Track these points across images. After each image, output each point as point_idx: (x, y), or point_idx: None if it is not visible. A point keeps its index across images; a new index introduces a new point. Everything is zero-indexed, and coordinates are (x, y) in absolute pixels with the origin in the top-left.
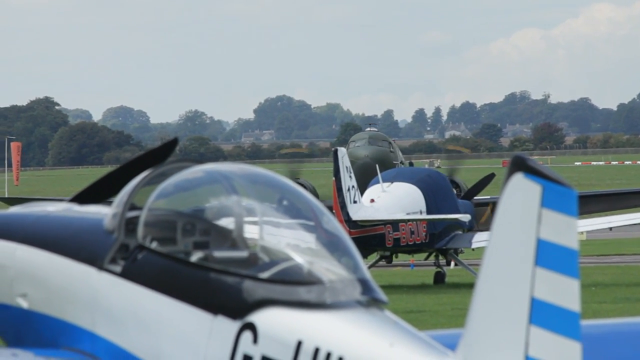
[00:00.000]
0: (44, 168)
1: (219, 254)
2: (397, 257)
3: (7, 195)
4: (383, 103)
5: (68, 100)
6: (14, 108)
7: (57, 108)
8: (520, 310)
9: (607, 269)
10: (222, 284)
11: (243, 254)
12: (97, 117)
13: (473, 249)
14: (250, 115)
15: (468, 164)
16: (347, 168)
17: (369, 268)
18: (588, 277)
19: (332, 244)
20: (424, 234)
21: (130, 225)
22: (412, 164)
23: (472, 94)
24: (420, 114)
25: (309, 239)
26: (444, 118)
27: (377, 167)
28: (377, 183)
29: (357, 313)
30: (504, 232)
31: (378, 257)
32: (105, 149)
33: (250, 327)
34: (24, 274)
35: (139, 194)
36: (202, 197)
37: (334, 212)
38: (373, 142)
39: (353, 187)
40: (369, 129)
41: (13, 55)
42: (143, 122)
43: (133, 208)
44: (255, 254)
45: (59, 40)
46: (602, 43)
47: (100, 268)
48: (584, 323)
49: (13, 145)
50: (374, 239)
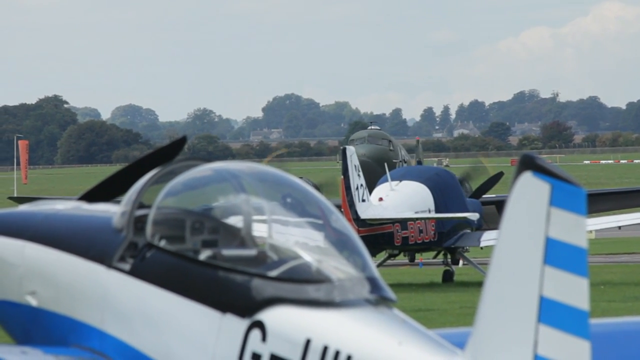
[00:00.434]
0: (53, 166)
1: (228, 253)
2: (405, 255)
3: (15, 193)
4: (391, 101)
5: (77, 99)
6: (23, 106)
7: (65, 106)
8: (529, 309)
9: (616, 268)
10: (230, 283)
11: (252, 253)
12: (105, 115)
13: (481, 248)
14: (259, 114)
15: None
16: (355, 166)
17: (378, 266)
18: (597, 275)
19: (340, 243)
20: (433, 233)
21: (139, 224)
22: (420, 163)
23: (480, 93)
24: (429, 113)
25: (318, 238)
26: (453, 117)
27: (385, 166)
28: (385, 182)
29: (365, 311)
30: (513, 230)
31: (386, 255)
32: (114, 148)
33: (259, 325)
34: (33, 272)
35: (148, 193)
36: (210, 195)
37: (343, 210)
38: (372, 140)
39: (361, 185)
40: (371, 128)
41: (22, 54)
42: (152, 120)
43: (142, 206)
44: (264, 253)
45: (68, 39)
46: (611, 41)
47: (109, 266)
48: (593, 322)
49: (21, 144)
50: (383, 238)
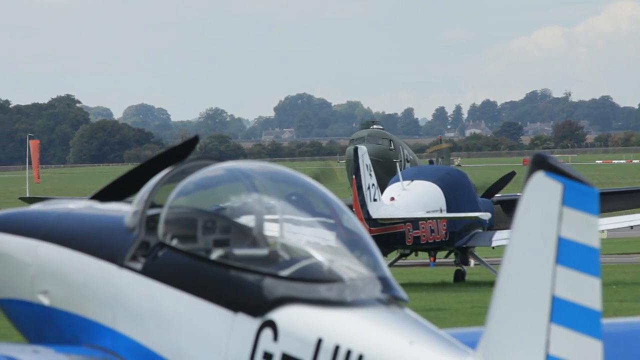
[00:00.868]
0: (65, 165)
1: (240, 252)
2: (417, 255)
3: (28, 192)
4: (403, 101)
5: (89, 98)
6: (36, 106)
7: (78, 106)
8: (541, 309)
9: (628, 268)
10: (242, 282)
11: (263, 252)
12: (117, 114)
13: (493, 247)
14: (271, 113)
15: (489, 162)
16: (367, 166)
17: (389, 266)
18: (609, 275)
19: (352, 242)
20: (444, 232)
21: (151, 223)
22: (432, 162)
23: (492, 92)
24: (441, 112)
25: (329, 237)
26: (465, 116)
27: (397, 165)
28: (397, 181)
29: (377, 311)
30: (525, 230)
31: (398, 255)
32: (126, 147)
33: (271, 324)
34: (45, 271)
35: (160, 192)
36: (222, 195)
37: (354, 210)
38: (371, 139)
39: (373, 185)
40: (373, 127)
41: (34, 53)
42: (164, 119)
43: (154, 206)
44: (276, 252)
45: (80, 38)
46: (623, 41)
47: (121, 265)
48: (605, 321)
49: (32, 143)
50: (394, 237)
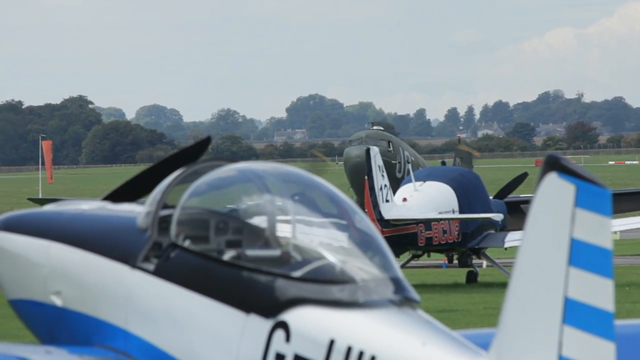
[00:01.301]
0: (78, 166)
1: (252, 253)
2: (429, 256)
3: (40, 193)
4: (415, 102)
5: (101, 99)
6: (48, 106)
7: (90, 106)
8: (554, 310)
9: None
10: (254, 283)
11: (276, 253)
12: (130, 115)
13: (506, 249)
14: (283, 114)
15: (501, 163)
16: (379, 167)
17: (401, 267)
18: (622, 277)
19: (364, 243)
20: (457, 233)
21: (163, 224)
22: (444, 163)
23: (505, 93)
24: (453, 113)
25: (342, 238)
26: (477, 117)
27: (396, 166)
28: (409, 182)
29: (389, 312)
30: (538, 231)
31: (410, 256)
32: (138, 148)
33: (283, 325)
34: (58, 272)
35: (172, 193)
36: (234, 195)
37: (366, 211)
38: (369, 141)
39: (385, 186)
40: (374, 128)
41: (47, 54)
42: (176, 120)
43: (166, 206)
44: (288, 253)
45: (93, 39)
46: (636, 42)
47: (134, 266)
48: (618, 323)
49: (44, 144)
50: (406, 238)
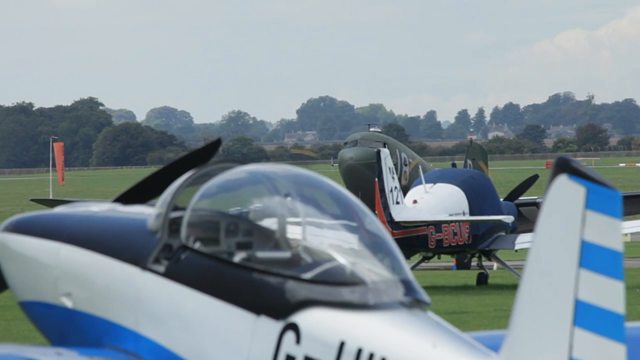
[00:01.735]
0: (88, 168)
1: (262, 255)
2: (439, 258)
3: (51, 195)
4: (426, 104)
5: (112, 101)
6: (59, 108)
7: (101, 108)
8: (565, 312)
9: None
10: (265, 285)
11: (286, 255)
12: (140, 117)
13: (516, 251)
14: (293, 116)
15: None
16: (389, 169)
17: (412, 269)
18: (633, 279)
19: (374, 245)
20: (467, 235)
21: (174, 226)
22: (454, 165)
23: (515, 95)
24: (463, 115)
25: (352, 240)
26: (487, 119)
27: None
28: (420, 184)
29: (400, 314)
30: (548, 233)
31: (421, 258)
32: (149, 149)
33: (293, 327)
34: (68, 274)
35: (183, 195)
36: (245, 197)
37: (377, 213)
38: (364, 143)
39: (396, 188)
40: (371, 130)
41: (58, 56)
42: (186, 122)
43: (176, 208)
44: (298, 255)
45: (103, 41)
46: None
47: (144, 268)
48: (629, 325)
49: (56, 146)
50: (417, 240)
